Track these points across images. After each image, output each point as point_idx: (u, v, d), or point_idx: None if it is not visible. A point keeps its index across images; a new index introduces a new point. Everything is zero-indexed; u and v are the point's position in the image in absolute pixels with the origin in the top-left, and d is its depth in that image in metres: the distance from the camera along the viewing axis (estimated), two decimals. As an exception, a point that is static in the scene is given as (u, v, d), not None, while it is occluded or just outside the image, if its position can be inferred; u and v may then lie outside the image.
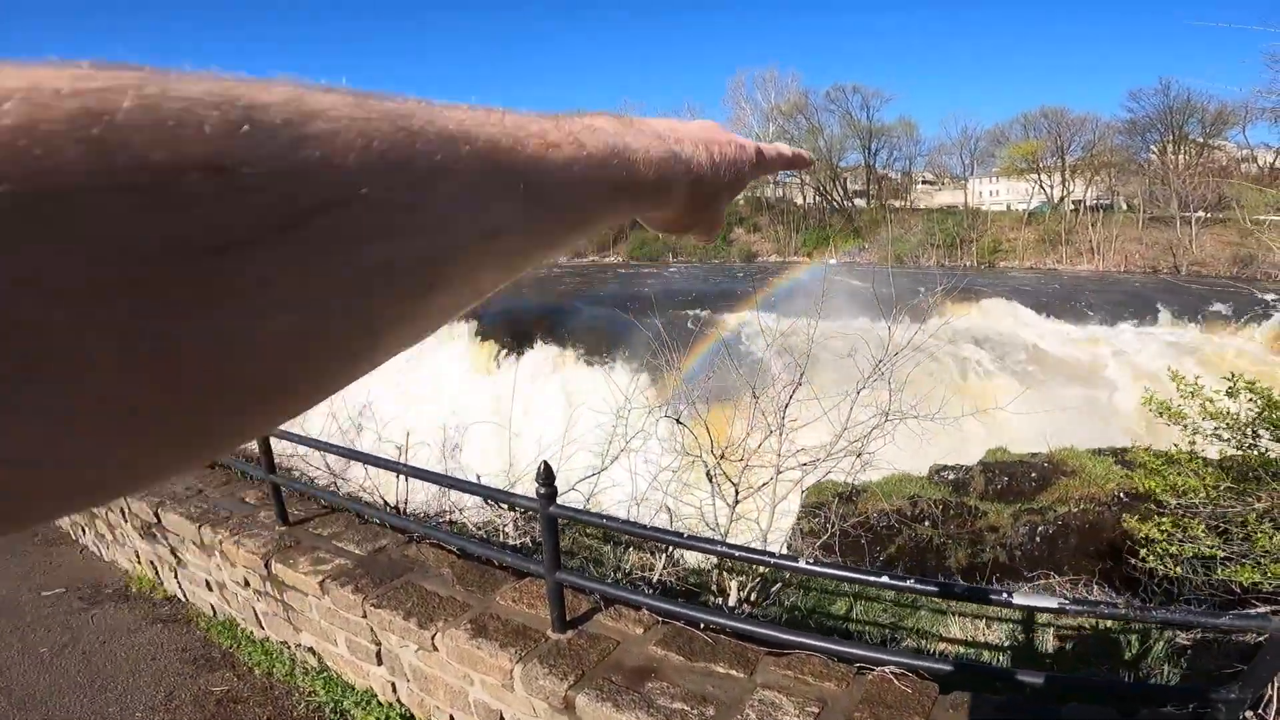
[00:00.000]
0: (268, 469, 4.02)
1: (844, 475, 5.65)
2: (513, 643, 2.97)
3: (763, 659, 2.82)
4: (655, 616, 3.14)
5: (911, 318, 6.05)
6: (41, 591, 4.79)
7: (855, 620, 5.43)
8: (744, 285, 33.59)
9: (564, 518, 2.95)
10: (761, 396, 5.24)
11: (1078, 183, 52.62)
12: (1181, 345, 23.37)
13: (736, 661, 2.81)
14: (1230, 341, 23.75)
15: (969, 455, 13.14)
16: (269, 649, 4.14)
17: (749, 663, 2.81)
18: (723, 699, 2.60)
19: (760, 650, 2.87)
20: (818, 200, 61.69)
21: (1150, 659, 4.26)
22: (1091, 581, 7.09)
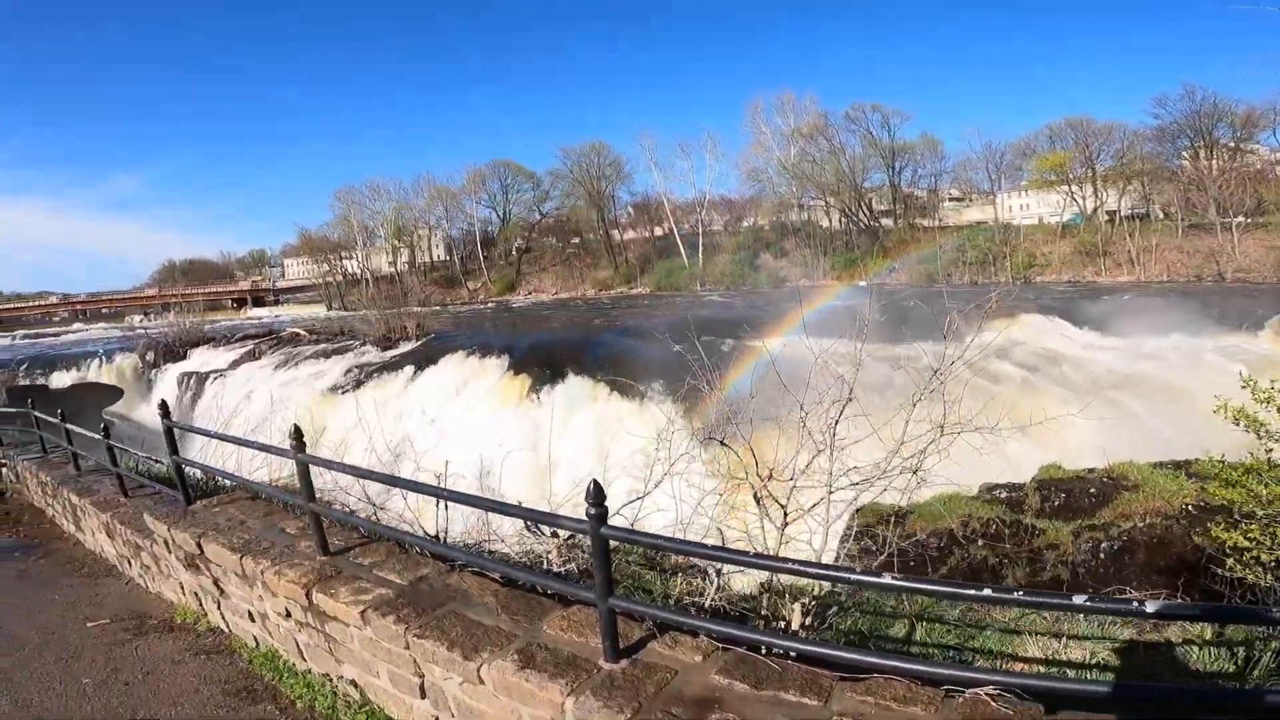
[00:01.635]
0: (308, 498, 3.96)
1: (897, 494, 5.43)
2: (563, 674, 2.80)
3: (836, 685, 2.60)
4: (714, 643, 2.96)
5: (951, 334, 5.85)
6: (87, 623, 4.78)
7: (918, 643, 5.14)
8: (774, 310, 33.36)
9: (616, 539, 2.79)
10: (809, 415, 5.06)
11: (1110, 192, 51.70)
12: (1236, 353, 22.46)
13: (808, 688, 2.60)
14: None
15: (1018, 473, 12.67)
16: (311, 681, 4.03)
17: (822, 689, 2.59)
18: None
19: (832, 675, 2.65)
20: (844, 222, 61.23)
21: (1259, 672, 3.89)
22: (1174, 595, 6.68)
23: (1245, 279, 40.96)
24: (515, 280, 69.84)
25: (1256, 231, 43.68)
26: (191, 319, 39.56)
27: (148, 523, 4.99)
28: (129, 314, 71.17)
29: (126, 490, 6.22)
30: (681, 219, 66.84)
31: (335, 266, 71.60)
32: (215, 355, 32.82)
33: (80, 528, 6.89)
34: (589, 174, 67.94)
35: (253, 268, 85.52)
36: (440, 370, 26.32)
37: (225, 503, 5.14)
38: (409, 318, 33.45)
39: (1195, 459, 13.63)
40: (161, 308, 63.13)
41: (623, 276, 66.04)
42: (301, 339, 33.63)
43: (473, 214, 72.79)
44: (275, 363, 29.88)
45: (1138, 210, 51.08)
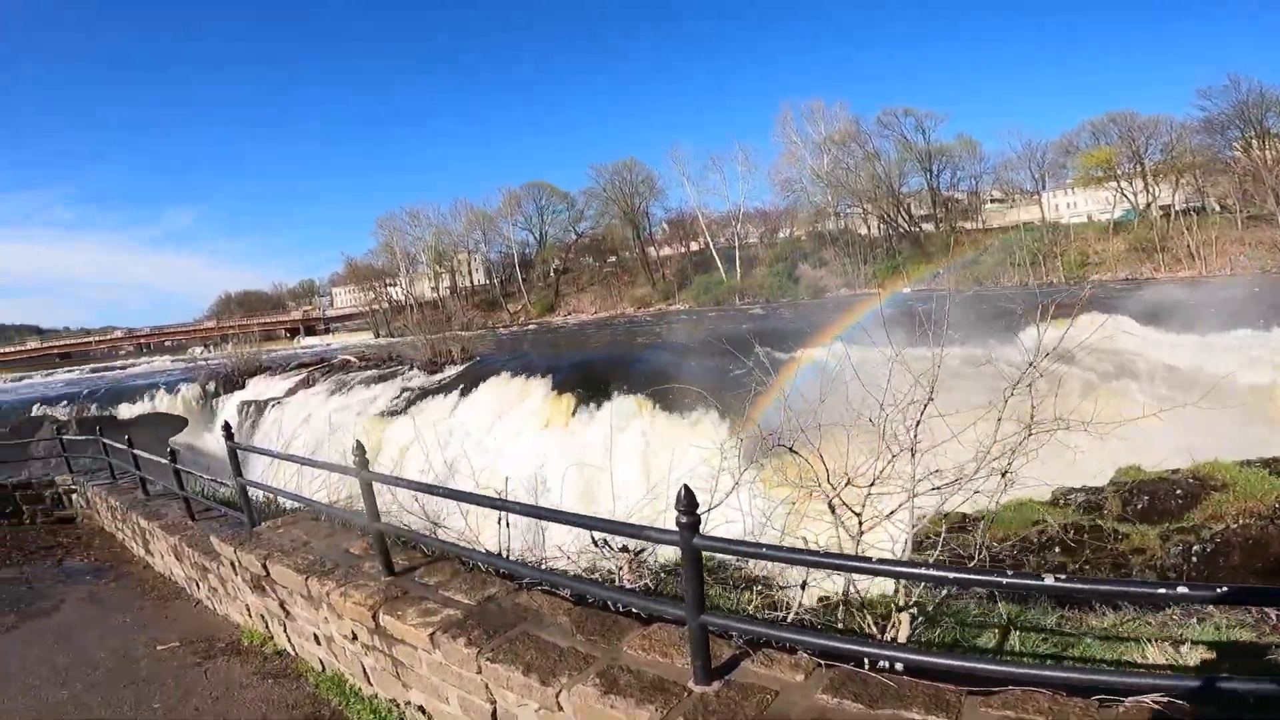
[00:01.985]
0: (372, 517, 3.89)
1: (985, 499, 5.13)
2: (651, 698, 2.61)
3: (966, 700, 2.36)
4: (813, 659, 2.74)
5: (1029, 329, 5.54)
6: (157, 645, 4.79)
7: (1012, 652, 4.81)
8: (820, 319, 32.81)
9: (709, 550, 2.61)
10: (883, 419, 4.81)
11: (1162, 187, 50.03)
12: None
13: (933, 705, 2.36)
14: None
15: (1090, 476, 12.04)
16: (377, 707, 3.92)
17: (949, 705, 2.35)
18: None
19: (958, 690, 2.41)
20: (883, 229, 60.20)
21: None
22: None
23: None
24: (554, 301, 70.46)
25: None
26: (248, 349, 40.93)
27: (214, 545, 5.00)
28: (190, 346, 74.25)
29: (193, 513, 6.30)
30: (716, 232, 66.68)
31: (380, 294, 73.45)
32: (272, 384, 33.82)
33: (149, 551, 7.01)
34: (622, 191, 68.42)
35: (303, 297, 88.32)
36: (485, 392, 26.58)
37: (288, 524, 5.12)
38: (453, 342, 33.96)
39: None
40: (220, 339, 65.68)
41: (661, 293, 66.04)
42: (352, 365, 34.44)
43: (509, 236, 73.95)
44: (328, 389, 30.60)
45: (1192, 204, 49.47)
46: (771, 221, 66.70)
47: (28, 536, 8.83)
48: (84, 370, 61.85)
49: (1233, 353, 21.32)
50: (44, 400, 37.26)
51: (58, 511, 9.95)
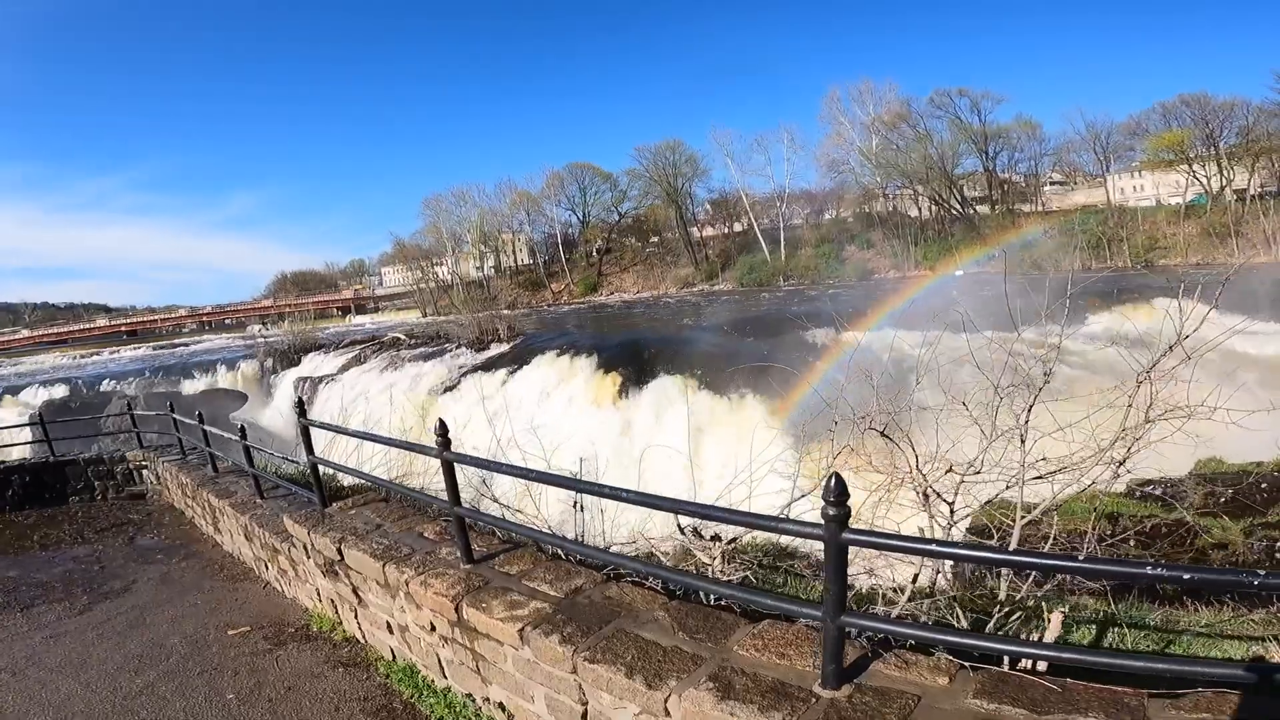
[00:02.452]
0: (453, 500, 3.68)
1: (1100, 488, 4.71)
2: (775, 704, 2.34)
3: (1149, 703, 2.07)
4: (954, 661, 2.44)
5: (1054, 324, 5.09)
6: (228, 630, 4.72)
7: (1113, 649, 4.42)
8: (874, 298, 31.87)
9: (858, 544, 2.31)
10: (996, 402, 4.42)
11: (1237, 171, 47.84)
12: None
13: (1112, 709, 2.06)
14: None
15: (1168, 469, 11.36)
16: (452, 701, 3.73)
17: (1132, 710, 2.06)
18: None
19: (1137, 693, 2.12)
20: (934, 210, 58.34)
21: None
22: None
23: (1399, 255, 36.46)
24: (597, 281, 70.47)
25: None
26: (303, 327, 41.91)
27: (287, 526, 4.90)
28: (249, 323, 76.56)
29: (263, 492, 6.25)
30: (760, 214, 65.65)
31: (427, 274, 74.58)
32: (326, 360, 34.55)
33: (219, 529, 7.03)
34: (665, 172, 67.76)
35: (354, 277, 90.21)
36: (533, 371, 26.61)
37: (359, 504, 4.99)
38: (500, 320, 34.06)
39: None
40: (277, 316, 67.52)
41: (704, 274, 65.43)
42: (402, 343, 34.92)
43: (553, 217, 74.14)
44: (379, 366, 31.10)
45: (1268, 189, 47.06)
46: (817, 203, 65.24)
47: (100, 513, 9.02)
48: (149, 347, 64.33)
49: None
50: (112, 376, 38.82)
51: (129, 487, 10.17)
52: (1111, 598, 5.58)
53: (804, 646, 2.66)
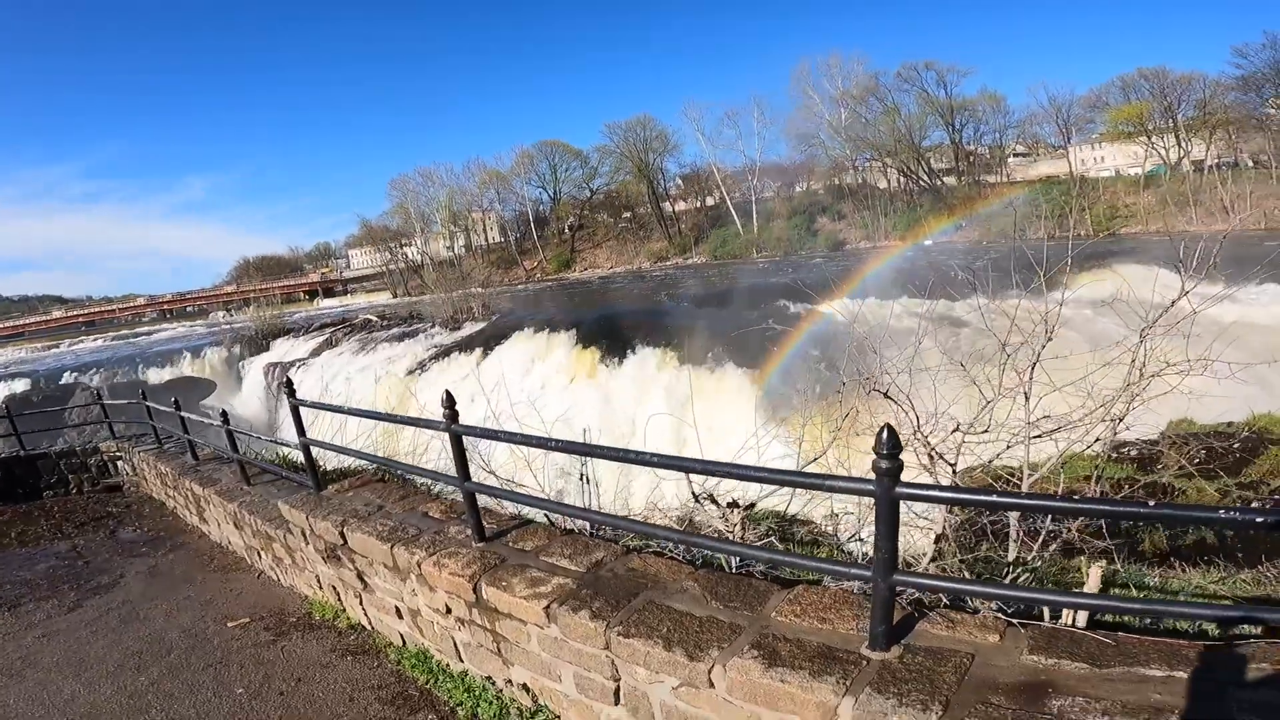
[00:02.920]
0: (463, 476, 3.53)
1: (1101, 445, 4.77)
2: (826, 669, 2.27)
3: (1206, 655, 2.06)
4: (1000, 618, 2.41)
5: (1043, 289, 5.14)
6: (227, 622, 4.54)
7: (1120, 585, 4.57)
8: (850, 269, 32.05)
9: (912, 499, 2.24)
10: (1003, 358, 4.41)
11: (1194, 142, 49.37)
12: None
13: (1176, 661, 2.04)
14: None
15: (1149, 428, 11.64)
16: (470, 685, 3.62)
17: (1189, 660, 2.04)
18: (1187, 707, 1.86)
19: (1194, 644, 2.12)
20: (902, 182, 58.95)
21: None
22: None
23: (1353, 224, 38.01)
24: (570, 257, 69.91)
25: (1359, 176, 40.55)
26: (269, 312, 40.91)
27: (284, 512, 4.70)
28: (212, 310, 74.41)
29: (249, 478, 6.01)
30: (732, 187, 65.64)
31: (396, 254, 73.21)
32: (296, 345, 33.82)
33: (204, 519, 6.77)
34: (636, 148, 67.28)
35: (320, 260, 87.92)
36: (511, 347, 26.37)
37: (357, 486, 4.81)
38: (474, 298, 33.61)
39: (1346, 412, 12.29)
40: (241, 303, 65.85)
41: (677, 247, 65.39)
42: (374, 325, 34.28)
43: (523, 195, 73.16)
44: (353, 349, 30.53)
45: (1225, 160, 48.74)
46: (788, 176, 65.35)
47: (77, 507, 8.65)
48: (109, 338, 62.27)
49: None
50: (73, 368, 37.55)
51: (104, 479, 9.77)
52: (1114, 557, 5.71)
53: (844, 610, 2.60)
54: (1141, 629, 2.44)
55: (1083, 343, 5.22)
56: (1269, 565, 6.09)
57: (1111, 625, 2.50)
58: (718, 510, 3.93)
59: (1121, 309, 4.70)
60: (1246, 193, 43.54)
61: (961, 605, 2.58)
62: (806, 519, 6.32)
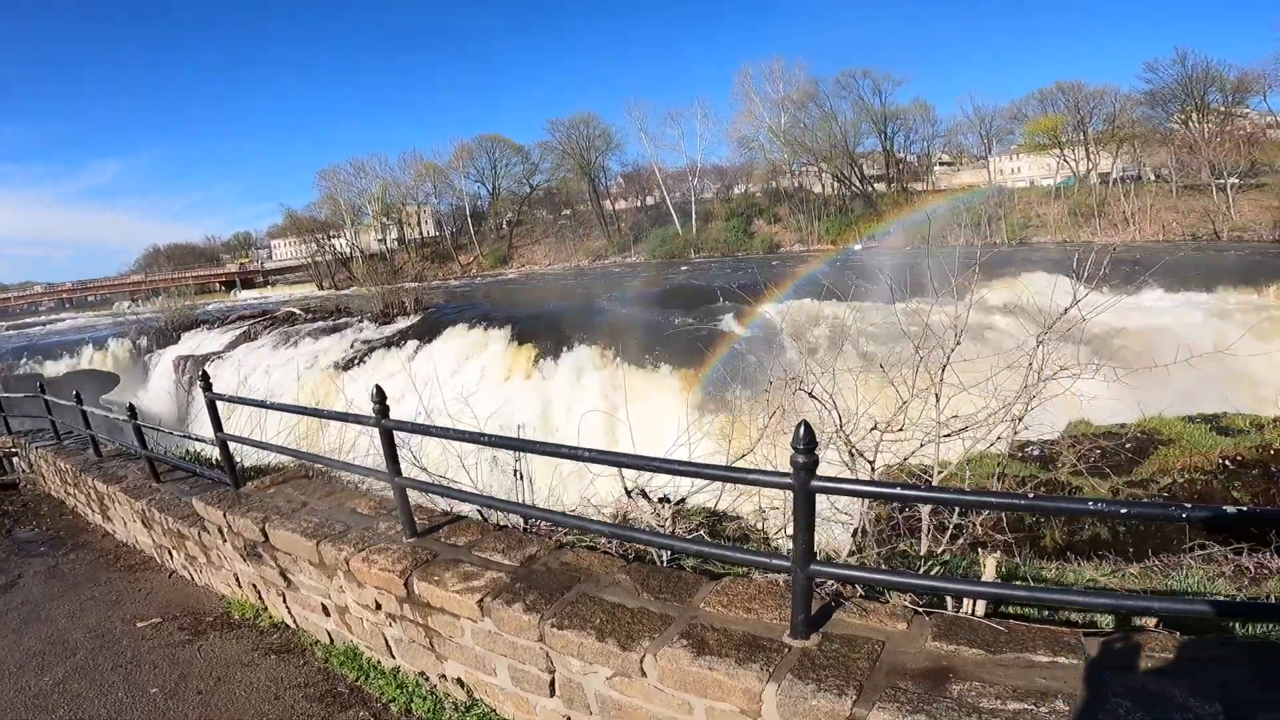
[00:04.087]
0: (394, 471, 3.48)
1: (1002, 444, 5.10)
2: (750, 657, 2.38)
3: (1086, 640, 2.26)
4: (909, 607, 2.58)
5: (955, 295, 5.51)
6: (136, 622, 4.31)
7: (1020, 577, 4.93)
8: (779, 273, 32.89)
9: (827, 492, 2.36)
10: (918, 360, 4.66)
11: (1102, 155, 51.93)
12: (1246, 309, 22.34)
13: (1059, 647, 2.23)
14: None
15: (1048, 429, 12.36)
16: (403, 680, 3.58)
17: (1071, 647, 2.23)
18: (1069, 691, 2.03)
19: (1075, 631, 2.32)
20: (836, 187, 60.87)
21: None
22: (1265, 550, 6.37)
23: (1241, 237, 41.67)
24: (508, 253, 68.95)
25: (1251, 192, 44.43)
26: (180, 303, 38.58)
27: (198, 509, 4.48)
28: (117, 300, 69.60)
29: (158, 475, 5.70)
30: (673, 187, 66.35)
31: (324, 246, 70.32)
32: (210, 337, 32.06)
33: (109, 517, 6.36)
34: (578, 145, 67.01)
35: (239, 250, 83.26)
36: (444, 343, 25.83)
37: (278, 482, 4.64)
38: (406, 293, 32.70)
39: (1225, 413, 13.48)
40: (149, 293, 61.89)
41: (616, 246, 65.46)
42: (298, 318, 32.83)
43: (461, 189, 71.59)
44: (273, 342, 29.18)
45: (1129, 173, 51.32)
46: (728, 178, 66.60)
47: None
48: (2, 328, 57.34)
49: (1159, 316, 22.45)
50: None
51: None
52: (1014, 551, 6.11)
53: (767, 600, 2.71)
54: (1036, 618, 2.66)
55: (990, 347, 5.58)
56: (1154, 559, 6.65)
57: (1008, 615, 2.72)
58: (650, 505, 4.02)
59: (1023, 315, 5.07)
60: (1147, 205, 46.45)
61: (877, 596, 2.75)
62: (737, 514, 6.51)
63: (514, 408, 18.86)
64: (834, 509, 4.54)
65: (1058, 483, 11.51)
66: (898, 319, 5.63)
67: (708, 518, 5.74)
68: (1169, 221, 46.24)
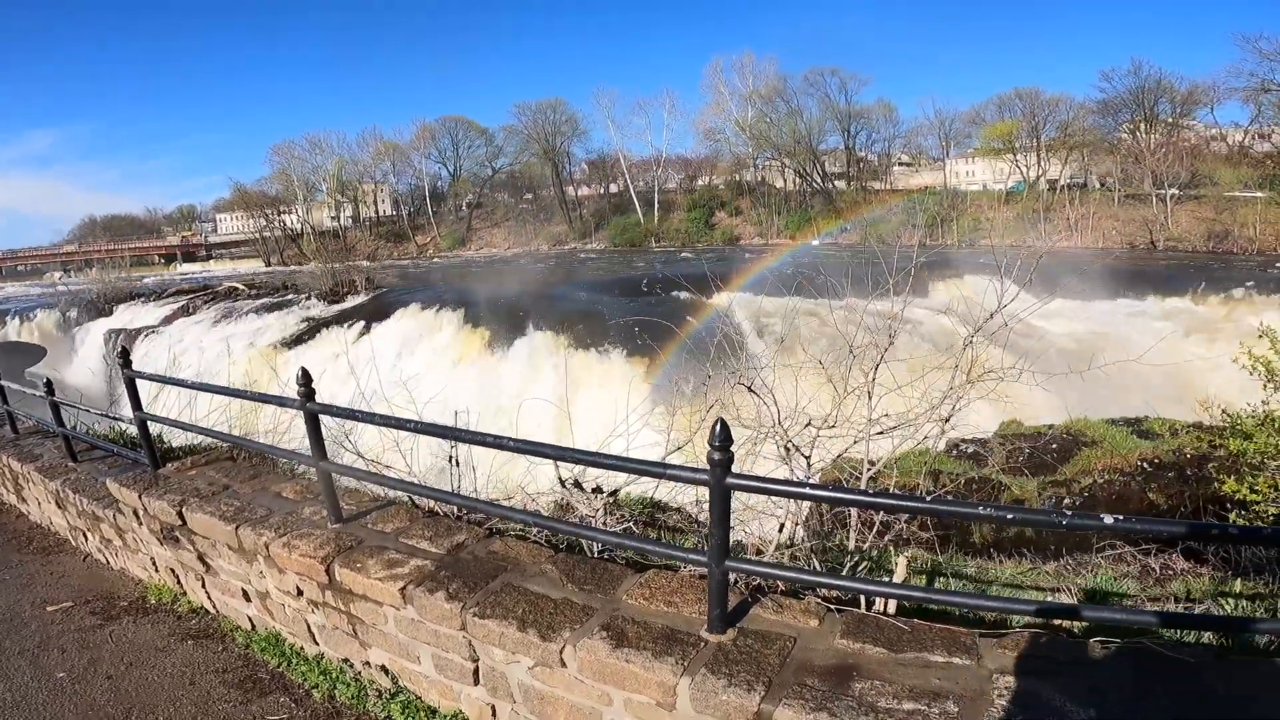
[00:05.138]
0: (319, 455, 3.40)
1: (930, 442, 5.26)
2: (667, 650, 2.41)
3: (981, 641, 2.35)
4: (823, 604, 2.64)
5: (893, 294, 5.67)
6: (47, 606, 4.12)
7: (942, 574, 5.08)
8: (735, 264, 33.14)
9: (741, 490, 2.39)
10: (850, 360, 4.75)
11: (1053, 162, 53.50)
12: (1183, 316, 23.54)
13: (953, 647, 2.32)
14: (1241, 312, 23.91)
15: (979, 428, 12.78)
16: (326, 667, 3.52)
17: (967, 648, 2.32)
18: (959, 692, 2.11)
19: (972, 632, 2.41)
20: (798, 183, 61.61)
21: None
22: (1171, 551, 6.74)
23: (1176, 247, 43.56)
24: (466, 235, 67.82)
25: (1188, 203, 46.31)
26: (116, 275, 36.78)
27: (113, 490, 4.29)
28: (48, 270, 66.00)
29: (75, 454, 5.43)
30: (636, 176, 66.27)
31: (273, 221, 67.89)
32: (144, 311, 30.68)
33: (23, 498, 6.04)
34: (544, 130, 66.33)
35: (181, 223, 79.39)
36: (394, 324, 25.29)
37: (200, 465, 4.48)
38: (357, 272, 31.84)
39: (1146, 417, 14.20)
40: (84, 264, 58.91)
41: (577, 232, 65.09)
42: (240, 293, 31.67)
43: (421, 169, 70.25)
44: (213, 318, 28.12)
45: (1077, 180, 53.01)
46: (692, 169, 66.82)
47: None
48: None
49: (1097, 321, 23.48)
50: None
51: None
52: (938, 548, 6.31)
53: (689, 594, 2.74)
54: (943, 614, 2.76)
55: (929, 345, 5.73)
56: (1069, 558, 6.98)
57: (924, 611, 2.81)
58: (584, 495, 4.02)
59: (955, 316, 5.22)
60: (1090, 213, 48.14)
61: (795, 592, 2.81)
62: (679, 506, 6.56)
63: (466, 391, 18.60)
64: (770, 502, 4.61)
65: (987, 480, 12.00)
66: (834, 318, 5.75)
67: (646, 508, 5.79)
68: (1109, 229, 48.03)
